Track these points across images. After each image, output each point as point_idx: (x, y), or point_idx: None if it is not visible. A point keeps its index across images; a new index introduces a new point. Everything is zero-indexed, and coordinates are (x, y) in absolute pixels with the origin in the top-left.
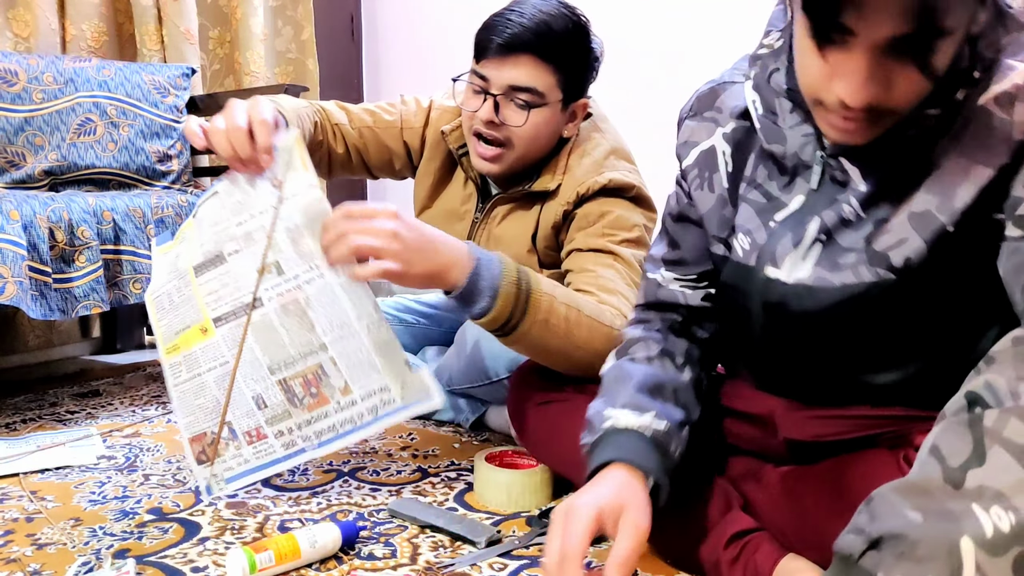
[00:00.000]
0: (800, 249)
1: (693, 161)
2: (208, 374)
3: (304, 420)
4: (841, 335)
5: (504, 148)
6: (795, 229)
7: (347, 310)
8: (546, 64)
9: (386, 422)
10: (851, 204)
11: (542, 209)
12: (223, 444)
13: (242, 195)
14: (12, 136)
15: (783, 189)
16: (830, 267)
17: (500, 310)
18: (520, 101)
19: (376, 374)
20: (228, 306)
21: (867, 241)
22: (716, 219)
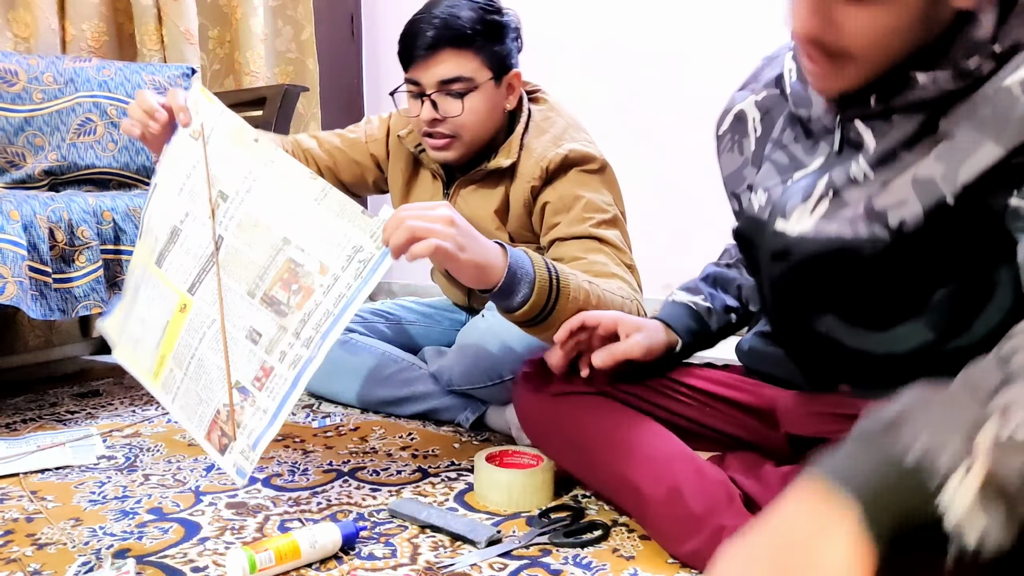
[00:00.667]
0: (808, 203)
1: (727, 126)
2: (201, 345)
3: (299, 321)
4: (833, 291)
5: (454, 138)
6: (807, 186)
7: (292, 195)
8: (464, 51)
9: (375, 279)
10: (860, 163)
11: (509, 188)
12: (239, 410)
13: (175, 167)
14: (12, 136)
15: (807, 152)
16: (832, 220)
17: (537, 298)
18: (453, 92)
19: (344, 239)
20: (196, 265)
21: (871, 198)
22: (736, 178)
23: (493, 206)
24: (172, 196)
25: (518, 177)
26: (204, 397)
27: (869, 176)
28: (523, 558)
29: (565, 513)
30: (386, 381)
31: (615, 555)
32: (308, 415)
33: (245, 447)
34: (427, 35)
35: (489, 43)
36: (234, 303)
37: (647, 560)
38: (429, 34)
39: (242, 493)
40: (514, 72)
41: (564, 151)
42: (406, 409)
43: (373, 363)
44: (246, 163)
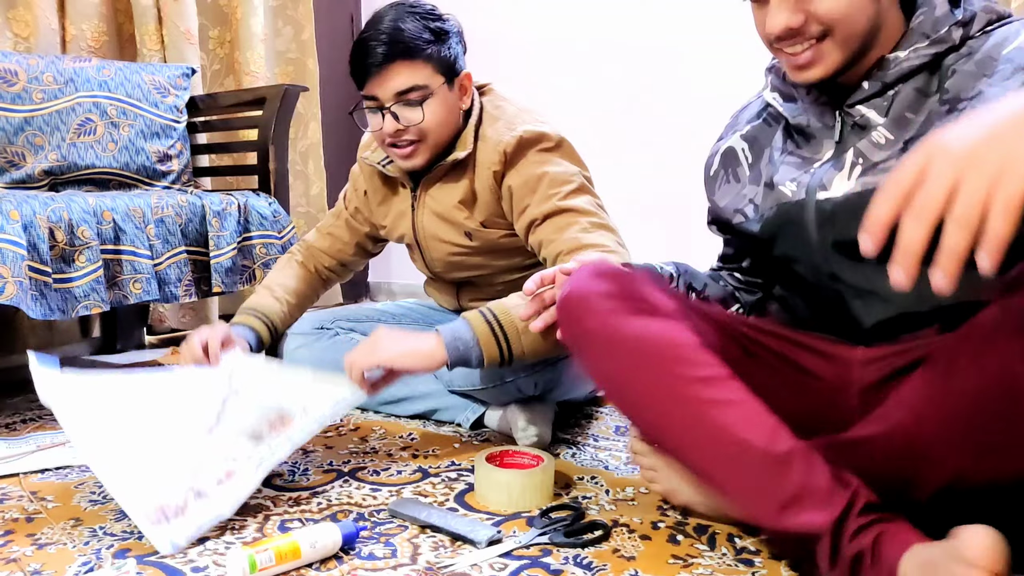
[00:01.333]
0: (843, 172)
1: (718, 164)
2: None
3: (272, 439)
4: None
5: (418, 143)
6: (836, 163)
7: (293, 381)
8: (414, 61)
9: (343, 411)
10: (878, 131)
11: (472, 179)
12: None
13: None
14: (12, 136)
15: (813, 149)
16: (873, 174)
17: (488, 352)
18: (411, 100)
19: (330, 395)
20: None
21: (903, 152)
22: (736, 198)
23: (458, 197)
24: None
25: (478, 166)
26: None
27: (890, 138)
28: (523, 558)
29: (565, 513)
30: None
31: (615, 555)
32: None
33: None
34: (377, 51)
35: (437, 50)
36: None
37: (647, 560)
38: (379, 50)
39: None
40: (464, 73)
41: (518, 133)
42: (406, 408)
43: None
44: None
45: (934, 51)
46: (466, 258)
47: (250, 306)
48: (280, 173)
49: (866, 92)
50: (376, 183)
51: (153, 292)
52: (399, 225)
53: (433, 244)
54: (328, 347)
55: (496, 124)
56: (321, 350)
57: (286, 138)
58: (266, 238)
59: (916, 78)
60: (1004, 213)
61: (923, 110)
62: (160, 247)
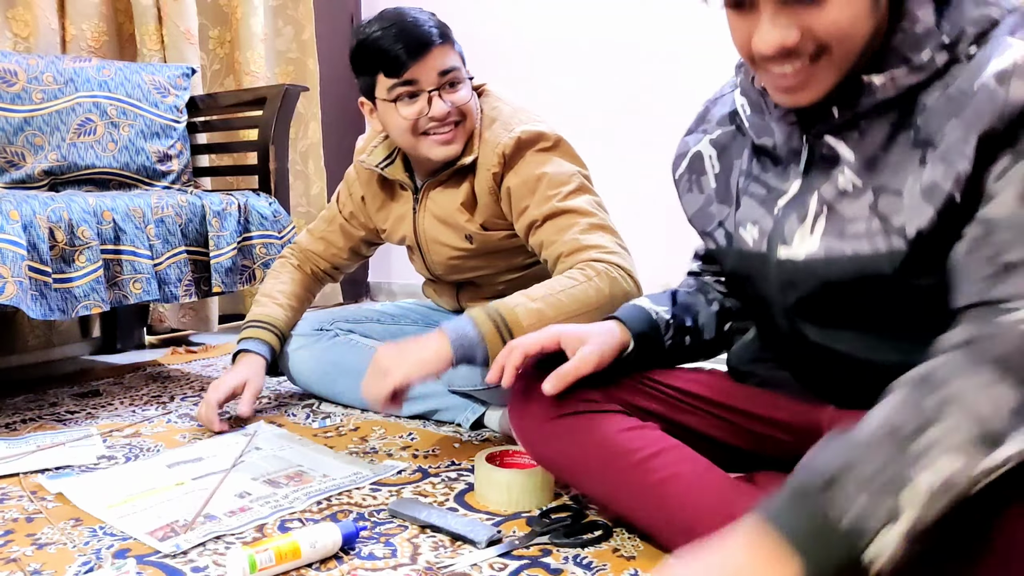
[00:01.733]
0: (806, 224)
1: (684, 168)
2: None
3: (292, 491)
4: (858, 308)
5: (459, 125)
6: (798, 209)
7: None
8: (446, 45)
9: (362, 482)
10: (846, 175)
11: (472, 182)
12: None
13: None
14: (12, 136)
15: (780, 178)
16: (839, 236)
17: (493, 346)
18: (452, 80)
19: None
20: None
21: (872, 209)
22: (703, 216)
23: (459, 200)
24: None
25: (479, 168)
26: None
27: (858, 185)
28: (523, 558)
29: (565, 513)
30: None
31: (615, 555)
32: (308, 416)
33: (194, 540)
34: (423, 32)
35: (455, 42)
36: (234, 477)
37: (647, 560)
38: (426, 31)
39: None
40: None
41: (516, 134)
42: (406, 410)
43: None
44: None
45: (913, 81)
46: (466, 261)
47: (258, 319)
48: (280, 173)
49: (835, 121)
50: (374, 188)
51: (153, 292)
52: (399, 228)
53: (434, 247)
54: (328, 348)
55: (493, 126)
56: (321, 350)
57: (286, 138)
58: (266, 238)
59: (890, 111)
60: None
61: (895, 150)
62: (160, 247)
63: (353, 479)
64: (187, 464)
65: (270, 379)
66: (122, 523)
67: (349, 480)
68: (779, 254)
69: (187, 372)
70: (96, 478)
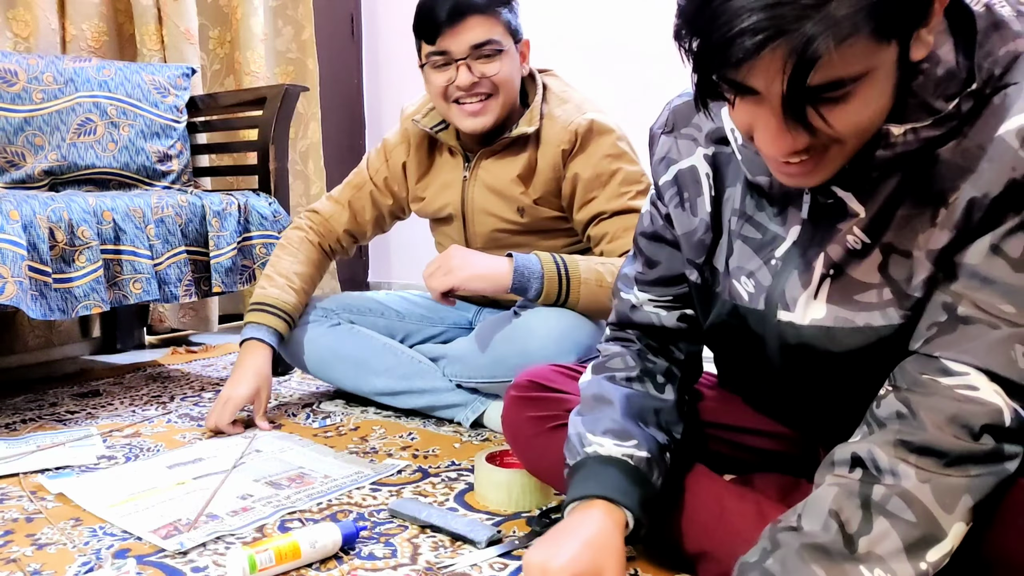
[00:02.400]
0: (810, 289)
1: (672, 178)
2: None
3: (294, 492)
4: (868, 374)
5: (490, 98)
6: (800, 267)
7: (318, 457)
8: (488, 16)
9: (363, 482)
10: (855, 233)
11: (535, 155)
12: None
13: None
14: (12, 136)
15: (775, 219)
16: (847, 304)
17: (548, 288)
18: (486, 53)
19: (351, 468)
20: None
21: (882, 272)
22: (693, 242)
23: (516, 171)
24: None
25: (544, 143)
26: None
27: (867, 243)
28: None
29: None
30: (385, 372)
31: None
32: (308, 415)
33: (197, 539)
34: (451, 4)
35: (506, 10)
36: (236, 479)
37: (647, 560)
38: (453, 3)
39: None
40: (524, 40)
41: (589, 118)
42: (404, 401)
43: (372, 354)
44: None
45: (935, 134)
46: (511, 235)
47: (271, 302)
48: (280, 173)
49: (844, 171)
50: (422, 153)
51: (153, 292)
52: (442, 196)
53: (480, 218)
54: (326, 332)
55: (565, 105)
56: (320, 334)
57: (286, 138)
58: (266, 238)
59: (906, 162)
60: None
61: (905, 203)
62: (160, 247)
63: (354, 479)
64: (187, 465)
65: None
66: (124, 522)
67: (351, 480)
68: (780, 317)
69: (187, 372)
70: (96, 478)
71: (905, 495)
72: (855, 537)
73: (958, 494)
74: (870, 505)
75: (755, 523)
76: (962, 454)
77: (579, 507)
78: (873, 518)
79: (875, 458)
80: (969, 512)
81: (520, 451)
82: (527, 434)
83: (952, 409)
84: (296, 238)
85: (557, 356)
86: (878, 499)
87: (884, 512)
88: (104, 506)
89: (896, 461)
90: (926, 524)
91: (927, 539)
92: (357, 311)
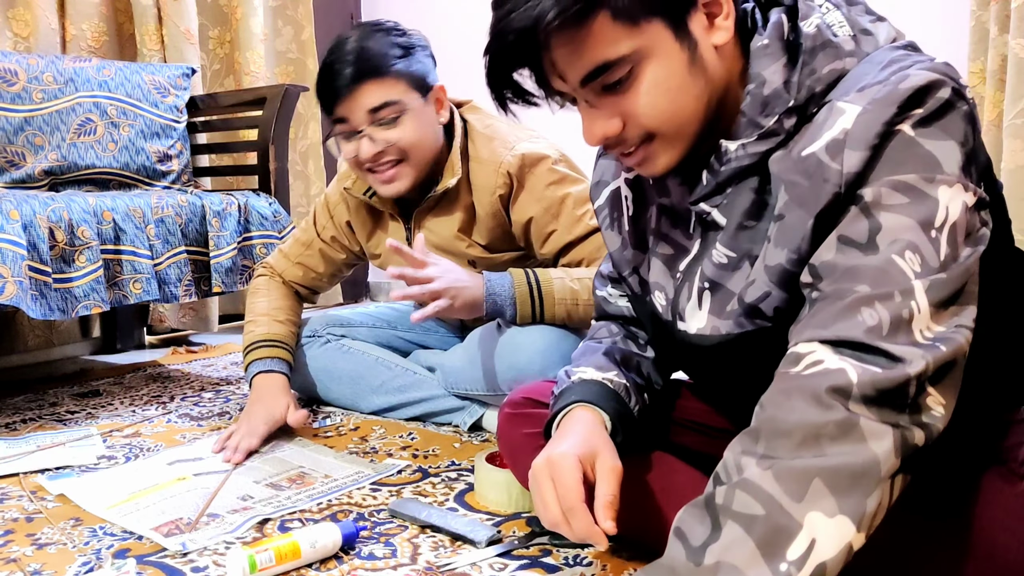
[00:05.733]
0: (693, 301)
1: (604, 200)
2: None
3: (294, 493)
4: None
5: (400, 163)
6: (689, 280)
7: (317, 458)
8: (384, 79)
9: (364, 482)
10: (719, 248)
11: (469, 203)
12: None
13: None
14: (12, 136)
15: (685, 236)
16: (719, 314)
17: (522, 310)
18: (385, 119)
19: (352, 468)
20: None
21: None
22: (621, 259)
23: (456, 226)
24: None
25: (477, 189)
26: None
27: (732, 256)
28: (523, 558)
29: None
30: (380, 388)
31: (615, 555)
32: (308, 416)
33: (199, 541)
34: (345, 73)
35: (406, 64)
36: (236, 480)
37: (647, 560)
38: (347, 71)
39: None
40: (437, 86)
41: (519, 152)
42: (401, 414)
43: (366, 370)
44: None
45: (763, 149)
46: None
47: (261, 339)
48: (280, 173)
49: (704, 189)
50: (363, 215)
51: (153, 292)
52: (395, 257)
53: None
54: (319, 354)
55: (491, 144)
56: (312, 357)
57: (286, 138)
58: (266, 238)
59: (750, 177)
60: None
61: (763, 216)
62: (160, 247)
63: (354, 479)
64: (187, 463)
65: None
66: (125, 520)
67: (351, 480)
68: (679, 326)
69: (187, 372)
70: (96, 478)
71: (748, 486)
72: (701, 549)
73: (807, 478)
74: (715, 509)
75: None
76: (809, 430)
77: (562, 422)
78: (721, 524)
79: (724, 462)
80: (833, 502)
81: (516, 467)
82: (523, 450)
83: (795, 385)
84: (263, 283)
85: (545, 368)
86: (722, 501)
87: (731, 514)
88: (104, 507)
89: (740, 456)
90: (776, 515)
91: (780, 532)
92: (346, 324)
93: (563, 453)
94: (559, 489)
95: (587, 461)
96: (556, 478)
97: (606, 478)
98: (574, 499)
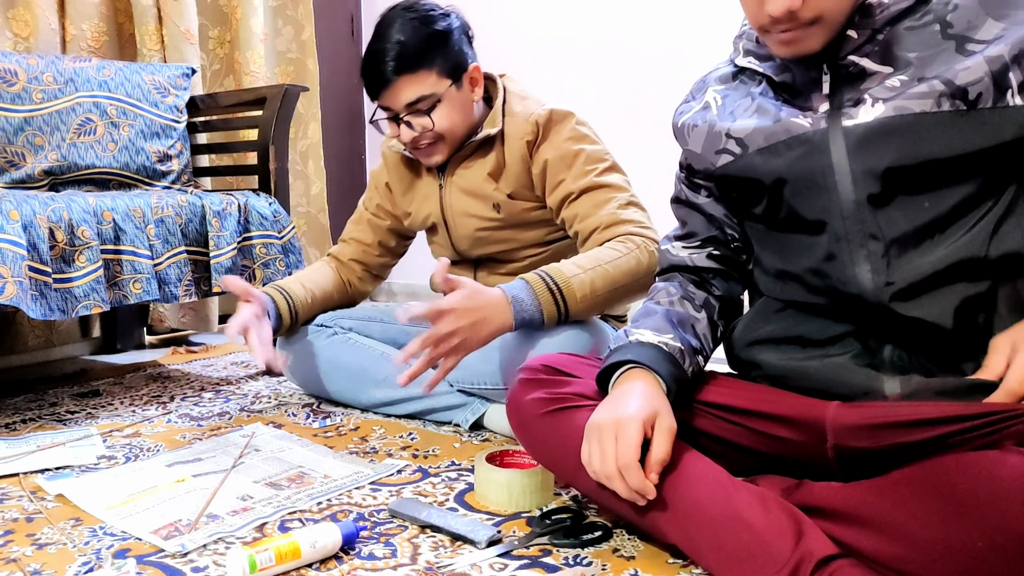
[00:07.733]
0: (867, 104)
1: (688, 116)
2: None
3: (293, 492)
4: (911, 165)
5: (437, 143)
6: (850, 104)
7: (316, 457)
8: (418, 73)
9: (363, 482)
10: (892, 79)
11: (501, 151)
12: (202, 522)
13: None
14: (12, 136)
15: (802, 103)
16: (904, 98)
17: (549, 316)
18: (421, 110)
19: (352, 468)
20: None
21: (944, 75)
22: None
23: (487, 170)
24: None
25: (508, 138)
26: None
27: (904, 79)
28: (523, 558)
29: (565, 514)
30: (383, 382)
31: (615, 555)
32: (308, 415)
33: (199, 540)
34: (382, 68)
35: (441, 53)
36: (235, 480)
37: (647, 560)
38: (384, 67)
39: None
40: (472, 67)
41: (549, 108)
42: (401, 409)
43: (369, 364)
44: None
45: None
46: (493, 232)
47: (278, 284)
48: (280, 173)
49: (856, 42)
50: (401, 171)
51: (153, 292)
52: (424, 207)
53: (461, 220)
54: (326, 345)
55: (525, 101)
56: (319, 348)
57: (286, 138)
58: (266, 238)
59: (907, 18)
60: None
61: (927, 46)
62: (160, 247)
63: (354, 479)
64: (186, 464)
65: (270, 379)
66: (125, 523)
67: (351, 480)
68: (844, 123)
69: (187, 372)
70: (96, 478)
71: None
72: None
73: None
74: None
75: (763, 512)
76: None
77: (620, 380)
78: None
79: None
80: None
81: (521, 433)
82: (530, 415)
83: None
84: (319, 261)
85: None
86: None
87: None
88: (104, 507)
89: None
90: None
91: None
92: (355, 318)
93: (631, 416)
94: (620, 447)
95: (648, 422)
96: (620, 436)
97: (662, 437)
98: (631, 457)
